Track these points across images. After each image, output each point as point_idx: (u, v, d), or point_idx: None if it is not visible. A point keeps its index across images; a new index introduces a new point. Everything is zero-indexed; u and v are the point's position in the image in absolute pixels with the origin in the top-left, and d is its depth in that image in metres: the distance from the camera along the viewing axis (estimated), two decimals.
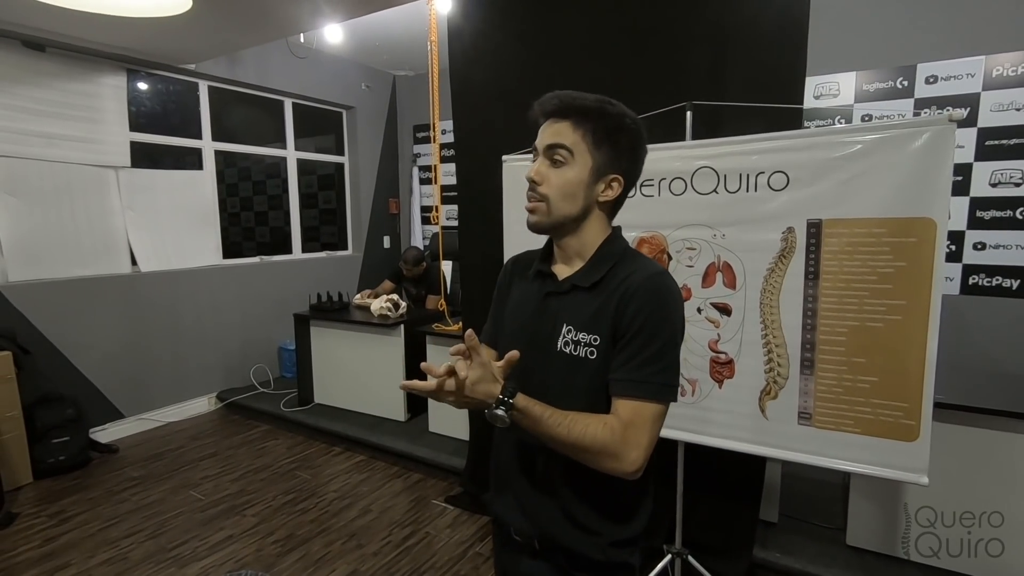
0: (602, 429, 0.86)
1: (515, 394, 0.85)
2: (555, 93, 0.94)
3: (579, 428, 0.86)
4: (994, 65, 3.07)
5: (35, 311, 3.35)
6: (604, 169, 0.93)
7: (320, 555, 2.44)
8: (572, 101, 0.92)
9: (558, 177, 0.93)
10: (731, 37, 2.04)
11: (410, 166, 5.73)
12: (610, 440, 0.85)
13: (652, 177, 1.92)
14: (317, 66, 4.90)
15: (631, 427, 0.86)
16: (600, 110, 0.92)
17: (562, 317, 0.95)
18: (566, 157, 0.92)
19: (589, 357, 0.92)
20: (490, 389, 0.85)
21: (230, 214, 4.70)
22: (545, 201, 0.94)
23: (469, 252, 2.75)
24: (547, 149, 0.94)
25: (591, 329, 0.92)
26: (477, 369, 0.84)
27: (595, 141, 0.92)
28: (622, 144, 0.93)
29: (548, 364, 0.96)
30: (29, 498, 2.94)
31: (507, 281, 1.12)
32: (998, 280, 3.19)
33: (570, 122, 0.92)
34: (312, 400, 4.09)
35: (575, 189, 0.93)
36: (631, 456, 0.85)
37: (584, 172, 0.92)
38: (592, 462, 0.87)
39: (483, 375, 0.84)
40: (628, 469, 0.86)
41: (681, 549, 2.07)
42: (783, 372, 1.76)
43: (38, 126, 3.37)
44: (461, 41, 2.61)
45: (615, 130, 0.92)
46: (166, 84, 4.09)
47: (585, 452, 0.86)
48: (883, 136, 1.57)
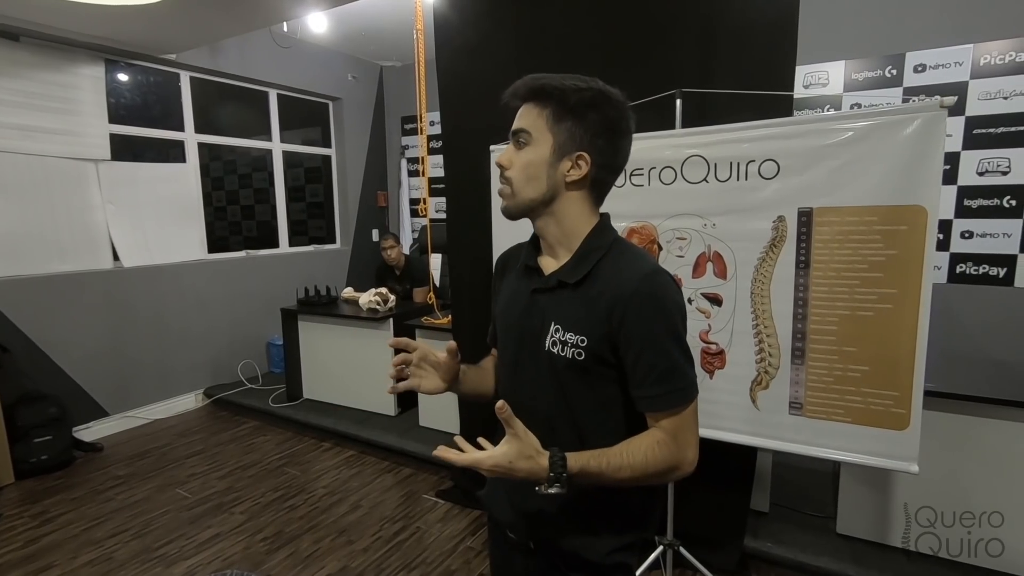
0: (659, 449, 0.85)
1: (566, 463, 0.80)
2: (524, 77, 0.91)
3: (640, 462, 0.84)
4: (982, 53, 3.07)
5: (14, 308, 3.27)
6: (567, 146, 0.89)
7: (309, 552, 2.41)
8: (534, 82, 0.90)
9: (520, 159, 0.91)
10: (722, 25, 2.02)
11: (398, 158, 5.67)
12: (670, 456, 0.85)
13: (642, 166, 1.90)
14: (302, 56, 4.81)
15: (678, 433, 0.86)
16: (561, 87, 0.88)
17: (549, 315, 0.92)
18: (527, 139, 0.90)
19: (577, 358, 0.88)
20: (532, 466, 0.80)
21: (215, 208, 4.62)
22: (509, 184, 0.92)
23: (458, 244, 2.72)
24: (512, 134, 0.92)
25: (578, 329, 0.88)
26: (514, 444, 0.80)
27: (554, 118, 0.88)
28: (588, 119, 0.88)
29: (537, 362, 0.93)
30: (11, 499, 2.88)
31: (499, 277, 1.09)
32: (985, 268, 3.21)
33: (532, 103, 0.90)
34: (301, 395, 4.05)
35: (536, 170, 0.90)
36: (688, 458, 0.87)
37: (545, 151, 0.89)
38: (659, 481, 0.88)
39: (521, 449, 0.80)
40: (689, 471, 0.87)
41: (673, 540, 2.07)
42: (774, 362, 1.76)
43: (13, 118, 3.28)
44: (447, 31, 2.57)
45: (579, 105, 0.87)
46: (146, 75, 4.00)
47: (653, 477, 0.86)
48: (874, 123, 1.56)
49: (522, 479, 0.80)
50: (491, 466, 0.80)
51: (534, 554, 0.99)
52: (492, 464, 0.79)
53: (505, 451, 0.79)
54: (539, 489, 0.80)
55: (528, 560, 1.00)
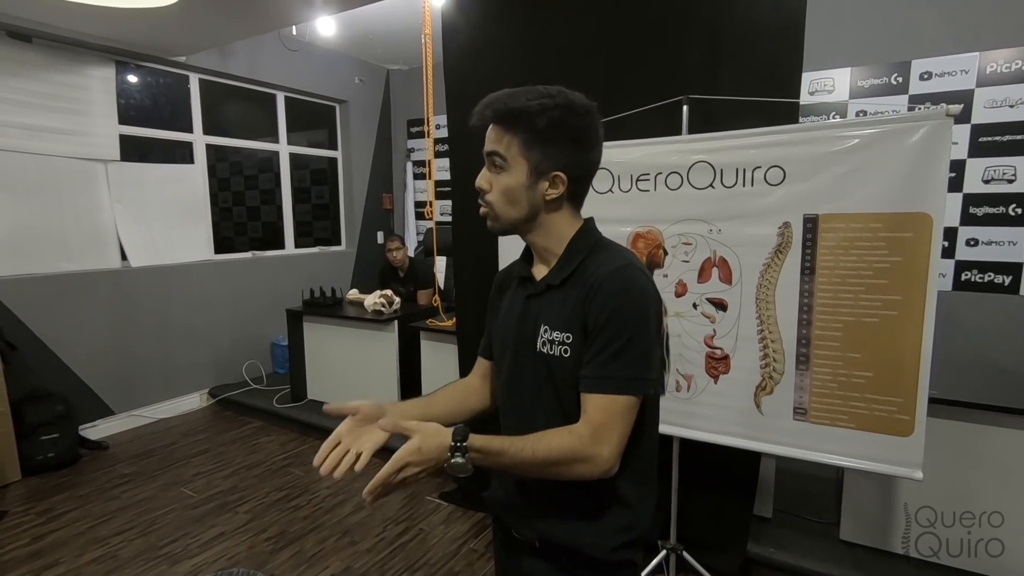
0: (567, 437, 0.83)
1: (467, 435, 0.81)
2: (486, 98, 0.90)
3: (543, 445, 0.83)
4: (988, 61, 3.07)
5: (22, 306, 3.30)
6: (542, 168, 0.90)
7: (313, 552, 2.42)
8: (500, 105, 0.88)
9: (499, 183, 0.91)
10: (728, 31, 2.03)
11: (404, 161, 5.70)
12: (578, 445, 0.82)
13: (648, 172, 1.91)
14: (310, 59, 4.84)
15: (600, 426, 0.83)
16: (525, 111, 0.87)
17: (540, 318, 0.94)
18: (502, 164, 0.90)
19: (564, 356, 0.90)
20: (441, 441, 0.81)
21: (221, 208, 4.65)
22: (491, 207, 0.93)
23: (463, 247, 2.74)
24: (487, 156, 0.92)
25: (564, 327, 0.90)
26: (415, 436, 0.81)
27: (526, 144, 0.88)
28: (558, 140, 0.88)
29: (532, 367, 0.95)
30: (18, 496, 2.90)
31: (496, 293, 1.11)
32: (990, 276, 3.21)
33: (500, 127, 0.89)
34: (305, 396, 4.07)
35: (516, 195, 0.91)
36: (603, 455, 0.82)
37: (521, 176, 0.90)
38: (565, 474, 0.84)
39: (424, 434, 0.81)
40: (601, 468, 0.83)
41: (676, 544, 2.07)
42: (778, 367, 1.76)
43: (24, 118, 3.31)
44: (455, 35, 2.59)
45: (548, 128, 0.87)
46: (156, 76, 4.03)
47: (556, 466, 0.83)
48: (880, 131, 1.57)
49: (436, 459, 0.81)
50: (399, 464, 0.79)
51: (539, 553, 0.99)
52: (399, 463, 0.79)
53: (411, 443, 0.80)
54: (446, 466, 0.81)
55: (534, 560, 1.00)
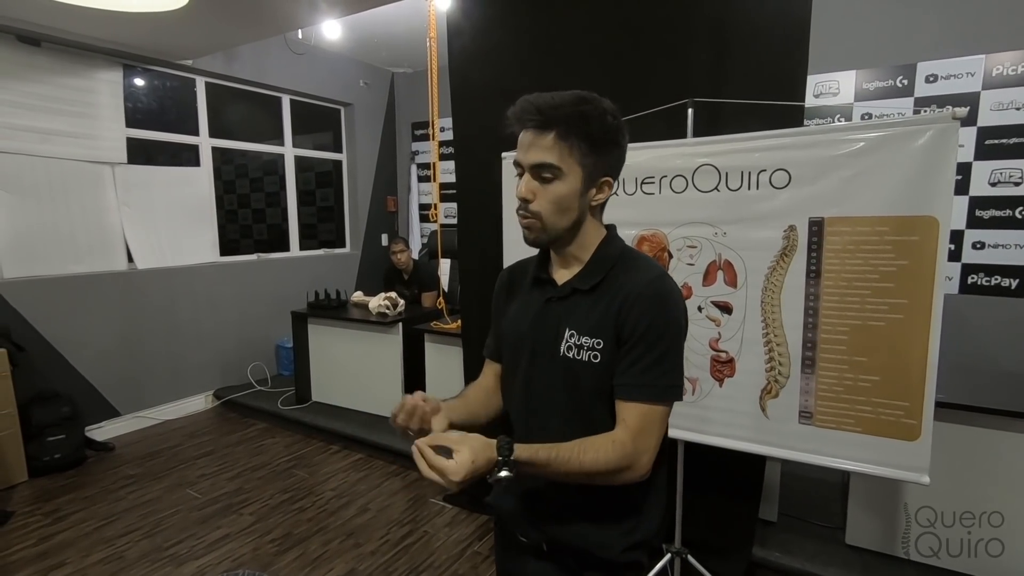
0: (612, 448, 0.85)
1: (512, 448, 0.81)
2: (530, 101, 0.87)
3: (590, 457, 0.84)
4: (994, 64, 3.06)
5: (30, 308, 3.32)
6: (595, 175, 0.90)
7: (318, 554, 2.42)
8: (553, 111, 0.86)
9: (550, 193, 0.89)
10: (733, 34, 2.02)
11: (408, 164, 5.71)
12: (622, 455, 0.85)
13: (653, 175, 1.91)
14: (315, 63, 4.87)
15: (640, 433, 0.86)
16: (583, 116, 0.86)
17: (564, 322, 0.94)
18: (556, 174, 0.88)
19: (593, 361, 0.91)
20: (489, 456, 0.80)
21: (227, 211, 4.67)
22: (538, 218, 0.91)
23: (468, 250, 2.74)
24: (533, 168, 0.89)
25: (594, 333, 0.91)
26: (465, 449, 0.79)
27: (583, 151, 0.87)
28: (608, 145, 0.90)
29: (552, 370, 0.95)
30: (24, 496, 2.92)
31: (504, 292, 1.10)
32: (997, 279, 3.19)
33: (554, 135, 0.86)
34: (310, 398, 4.08)
35: (568, 203, 0.90)
36: (643, 462, 0.86)
37: (576, 184, 0.89)
38: (608, 481, 0.87)
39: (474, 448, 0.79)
40: (639, 473, 0.87)
41: (680, 548, 2.06)
42: (784, 371, 1.76)
43: (33, 121, 3.34)
44: (460, 38, 2.60)
45: (601, 133, 0.88)
46: (163, 80, 4.06)
47: (601, 476, 0.86)
48: (886, 134, 1.56)
49: (485, 472, 0.80)
50: (461, 478, 0.78)
51: (547, 556, 0.99)
52: (462, 475, 0.78)
53: (464, 457, 0.79)
54: (489, 477, 0.80)
55: (540, 563, 1.00)
